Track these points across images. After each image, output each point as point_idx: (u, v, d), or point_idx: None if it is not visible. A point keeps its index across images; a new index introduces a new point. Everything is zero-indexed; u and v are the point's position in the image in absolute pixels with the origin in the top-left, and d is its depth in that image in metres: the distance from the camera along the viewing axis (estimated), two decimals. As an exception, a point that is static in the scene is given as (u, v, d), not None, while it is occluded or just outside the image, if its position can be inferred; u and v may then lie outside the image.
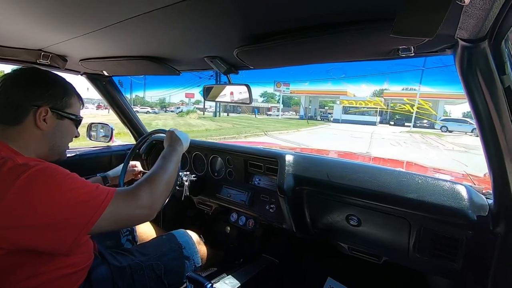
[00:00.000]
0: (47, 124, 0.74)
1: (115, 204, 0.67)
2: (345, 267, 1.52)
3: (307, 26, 0.69)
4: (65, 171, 0.66)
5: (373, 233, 1.12)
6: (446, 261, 0.95)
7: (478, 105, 0.66)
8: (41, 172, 0.61)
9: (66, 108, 0.78)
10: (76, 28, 0.82)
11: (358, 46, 0.79)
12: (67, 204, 0.61)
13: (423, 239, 0.99)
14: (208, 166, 1.63)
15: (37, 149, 0.75)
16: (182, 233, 1.21)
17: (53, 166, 0.65)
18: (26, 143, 0.72)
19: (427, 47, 0.73)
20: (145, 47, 1.00)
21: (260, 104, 51.87)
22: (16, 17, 0.76)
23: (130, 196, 0.72)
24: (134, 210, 0.72)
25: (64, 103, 0.77)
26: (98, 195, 0.66)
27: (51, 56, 1.15)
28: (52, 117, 0.75)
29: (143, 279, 0.95)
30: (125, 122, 1.83)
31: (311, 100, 37.05)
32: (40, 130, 0.73)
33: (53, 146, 0.78)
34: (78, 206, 0.62)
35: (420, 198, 0.95)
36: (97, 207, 0.64)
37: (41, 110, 0.72)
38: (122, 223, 0.73)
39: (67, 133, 0.81)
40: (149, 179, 0.79)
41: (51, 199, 0.60)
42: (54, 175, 0.63)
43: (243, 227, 1.56)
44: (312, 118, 35.32)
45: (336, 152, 2.30)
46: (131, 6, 0.63)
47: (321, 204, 1.21)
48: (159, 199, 0.78)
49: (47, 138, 0.76)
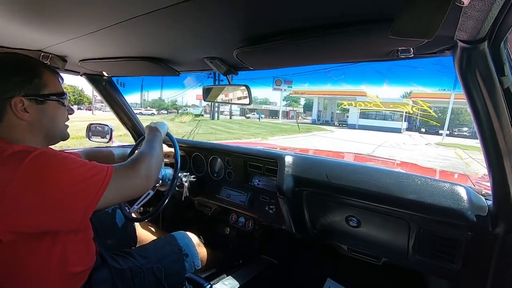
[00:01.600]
0: (29, 113, 0.69)
1: (117, 177, 0.70)
2: (344, 268, 1.52)
3: (307, 27, 0.69)
4: (63, 153, 0.68)
5: (373, 234, 1.12)
6: (446, 262, 0.95)
7: (477, 106, 0.67)
8: (42, 155, 0.62)
9: (41, 89, 0.72)
10: (76, 28, 0.82)
11: (357, 47, 0.79)
12: (74, 181, 0.63)
13: (422, 240, 0.99)
14: (207, 167, 1.63)
15: (32, 139, 0.72)
16: (182, 235, 1.21)
17: (52, 150, 0.67)
18: (19, 135, 0.70)
19: (426, 48, 0.73)
20: (144, 48, 1.00)
21: (271, 107, 50.30)
22: (16, 18, 0.75)
23: (128, 169, 0.76)
24: (134, 180, 0.76)
25: (36, 85, 0.71)
26: (101, 170, 0.68)
27: (50, 56, 1.15)
28: (31, 104, 0.70)
29: (143, 282, 0.95)
30: (125, 123, 1.83)
31: (327, 102, 33.84)
32: (26, 121, 0.70)
33: (47, 132, 0.75)
34: (84, 182, 0.64)
35: (419, 199, 0.95)
36: (102, 180, 0.66)
37: (15, 100, 0.67)
38: (125, 194, 0.75)
39: (56, 115, 0.76)
40: (141, 156, 0.84)
41: (58, 177, 0.61)
42: (55, 157, 0.64)
43: (242, 228, 1.56)
44: (328, 123, 32.44)
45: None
46: (130, 7, 0.63)
47: (320, 205, 1.21)
48: (153, 172, 0.84)
49: (36, 127, 0.72)
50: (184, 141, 1.73)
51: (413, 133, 24.17)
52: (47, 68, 0.75)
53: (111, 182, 0.68)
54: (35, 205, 0.59)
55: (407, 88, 30.02)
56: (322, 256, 1.61)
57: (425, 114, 20.18)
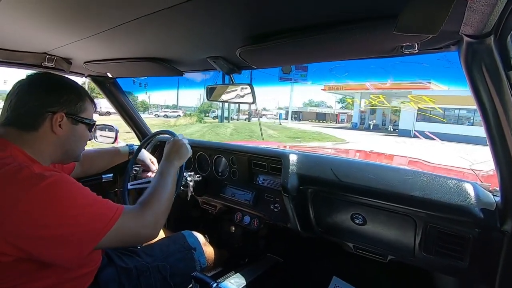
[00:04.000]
0: (62, 129, 0.75)
1: (122, 222, 0.69)
2: (350, 265, 1.52)
3: (310, 25, 0.69)
4: (78, 185, 0.68)
5: (379, 232, 1.12)
6: (453, 259, 0.95)
7: (484, 102, 0.66)
8: (56, 184, 0.63)
9: (81, 112, 0.79)
10: (80, 30, 0.82)
11: (361, 44, 0.78)
12: (78, 219, 0.63)
13: (429, 237, 0.98)
14: (212, 166, 1.63)
15: (52, 154, 0.76)
16: (188, 234, 1.22)
17: (67, 179, 0.67)
18: (42, 148, 0.73)
19: (431, 43, 0.72)
20: (148, 49, 1.00)
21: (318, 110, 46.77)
22: (22, 21, 0.76)
23: (136, 215, 0.75)
24: (140, 229, 0.74)
25: (78, 108, 0.78)
26: (107, 211, 0.68)
27: (55, 59, 1.16)
28: (67, 122, 0.76)
29: (149, 280, 0.96)
30: (129, 123, 1.85)
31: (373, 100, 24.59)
32: (56, 136, 0.74)
33: (67, 150, 0.79)
34: (88, 222, 0.64)
35: (425, 196, 0.94)
36: (105, 223, 0.66)
37: (57, 115, 0.73)
38: (126, 241, 0.74)
39: (82, 137, 0.82)
40: (151, 198, 0.82)
41: (64, 212, 0.62)
42: (68, 189, 0.65)
43: (247, 226, 1.56)
44: (377, 129, 25.96)
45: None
46: (134, 9, 0.64)
47: (325, 203, 1.21)
48: (162, 218, 0.82)
49: (62, 143, 0.77)
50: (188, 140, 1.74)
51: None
52: (89, 98, 0.83)
53: (115, 225, 0.67)
54: (36, 234, 0.59)
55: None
56: (327, 254, 1.61)
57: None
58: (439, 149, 1.72)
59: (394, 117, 26.46)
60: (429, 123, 18.42)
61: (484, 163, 1.18)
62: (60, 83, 0.78)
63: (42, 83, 0.76)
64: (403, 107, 19.49)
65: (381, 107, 23.96)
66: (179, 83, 23.53)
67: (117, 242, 0.71)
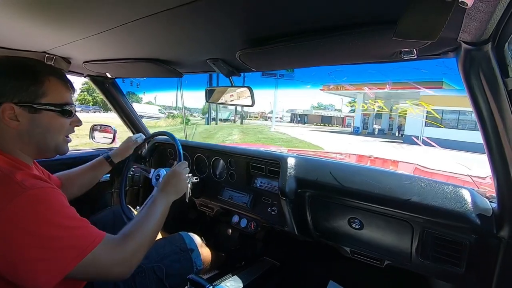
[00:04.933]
0: (19, 121, 0.65)
1: (97, 253, 0.61)
2: (347, 270, 1.52)
3: (310, 29, 0.69)
4: (59, 203, 0.61)
5: (376, 237, 1.12)
6: (449, 265, 0.95)
7: (481, 108, 0.66)
8: (36, 198, 0.57)
9: (39, 98, 0.67)
10: (80, 30, 0.82)
11: (360, 49, 0.79)
12: (50, 243, 0.57)
13: (425, 242, 0.98)
14: (210, 168, 1.63)
15: (23, 148, 0.68)
16: (184, 235, 1.21)
17: (48, 195, 0.60)
18: (9, 144, 0.66)
19: (430, 50, 0.73)
20: (148, 50, 1.00)
21: (324, 113, 44.48)
22: (21, 20, 0.76)
23: (115, 247, 0.67)
24: (113, 266, 0.66)
25: (32, 93, 0.66)
26: (87, 236, 0.61)
27: (55, 58, 1.16)
28: (23, 112, 0.65)
29: (144, 281, 0.95)
30: (128, 124, 1.84)
31: (385, 101, 21.10)
32: (14, 130, 0.65)
33: (38, 143, 0.70)
34: (61, 248, 0.57)
35: (422, 201, 0.94)
36: (83, 247, 0.59)
37: (3, 107, 0.63)
38: (96, 275, 0.65)
39: (52, 126, 0.70)
40: (136, 231, 0.74)
41: (38, 233, 0.56)
42: (46, 207, 0.58)
43: (244, 229, 1.55)
44: (383, 134, 23.70)
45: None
46: (134, 9, 0.64)
47: (323, 207, 1.21)
48: (141, 255, 0.74)
49: (26, 137, 0.67)
50: (186, 142, 1.74)
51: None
52: (55, 76, 0.70)
53: (91, 254, 0.60)
54: (5, 254, 0.54)
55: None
56: (324, 258, 1.61)
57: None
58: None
59: (404, 121, 22.70)
60: (441, 129, 16.35)
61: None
62: (8, 66, 0.66)
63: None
64: (405, 111, 16.85)
65: (381, 112, 22.71)
66: (178, 84, 22.62)
67: (87, 274, 0.62)
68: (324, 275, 1.54)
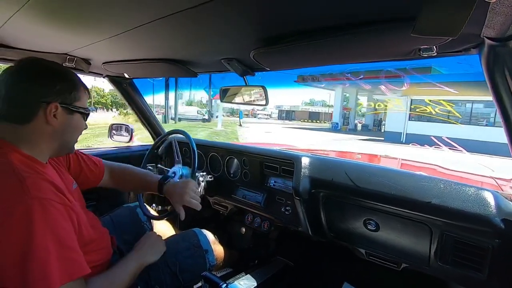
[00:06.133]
0: (57, 120, 0.72)
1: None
2: (362, 272, 1.49)
3: (325, 27, 0.68)
4: (52, 222, 0.61)
5: (392, 239, 1.09)
6: (471, 270, 0.91)
7: (506, 107, 0.63)
8: (29, 210, 0.59)
9: (75, 102, 0.76)
10: (100, 32, 0.85)
11: (377, 47, 0.77)
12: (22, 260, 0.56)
13: (445, 246, 0.95)
14: (224, 167, 1.64)
15: (49, 147, 0.74)
16: (198, 232, 1.23)
17: (43, 210, 0.61)
18: (38, 142, 0.71)
19: (451, 46, 0.70)
20: (164, 50, 1.02)
21: (313, 109, 43.08)
22: (45, 23, 0.80)
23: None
24: None
25: (73, 97, 0.75)
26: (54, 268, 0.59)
27: (76, 59, 1.20)
28: (63, 112, 0.73)
29: (158, 274, 0.97)
30: (144, 123, 1.89)
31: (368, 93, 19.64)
32: (51, 127, 0.71)
33: (63, 142, 0.77)
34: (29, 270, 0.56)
35: (442, 203, 0.91)
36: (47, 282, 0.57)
37: (51, 106, 0.69)
38: None
39: (77, 127, 0.79)
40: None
41: (16, 245, 0.57)
42: (35, 222, 0.58)
43: (258, 228, 1.56)
44: (366, 130, 22.23)
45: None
46: (151, 10, 0.65)
47: (337, 207, 1.19)
48: None
49: (58, 135, 0.74)
50: (200, 141, 1.76)
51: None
52: (83, 85, 0.79)
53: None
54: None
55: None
56: (339, 259, 1.59)
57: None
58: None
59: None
60: (428, 122, 13.48)
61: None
62: (53, 71, 0.74)
63: (33, 72, 0.72)
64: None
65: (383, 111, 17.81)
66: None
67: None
68: (339, 277, 1.52)
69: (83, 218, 0.77)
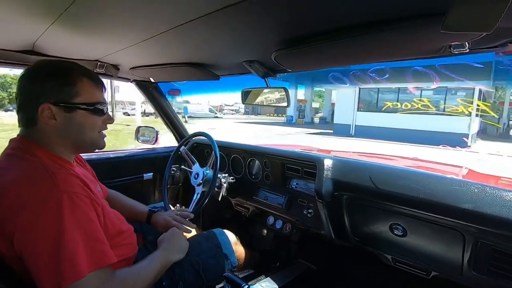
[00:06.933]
0: (56, 120, 0.70)
1: (89, 278, 0.62)
2: (388, 278, 1.43)
3: (348, 26, 0.66)
4: (81, 214, 0.65)
5: (421, 245, 1.04)
6: (508, 280, 0.85)
7: None
8: (60, 206, 0.62)
9: (73, 98, 0.72)
10: (127, 39, 0.89)
11: (404, 45, 0.74)
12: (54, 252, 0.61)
13: (480, 255, 0.89)
14: (245, 168, 1.65)
15: (63, 144, 0.74)
16: (220, 232, 1.25)
17: (74, 202, 0.64)
18: (51, 142, 0.72)
19: (485, 42, 0.66)
20: (188, 54, 1.05)
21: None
22: (77, 32, 0.84)
23: (107, 282, 0.67)
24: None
25: (67, 93, 0.71)
26: (84, 257, 0.63)
27: (106, 65, 1.26)
28: (60, 111, 0.70)
29: (183, 272, 1.00)
30: (169, 126, 1.94)
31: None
32: (52, 127, 0.71)
33: (74, 140, 0.75)
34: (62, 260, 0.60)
35: (476, 209, 0.85)
36: (75, 270, 0.61)
37: (42, 107, 0.69)
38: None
39: (84, 124, 0.75)
40: (128, 282, 0.75)
41: (51, 238, 0.61)
42: (67, 214, 0.63)
43: (280, 231, 1.55)
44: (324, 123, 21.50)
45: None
46: (176, 16, 0.67)
47: (362, 211, 1.16)
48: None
49: (63, 134, 0.73)
50: (222, 142, 1.78)
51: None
52: (87, 76, 0.75)
53: (88, 275, 0.62)
54: (22, 244, 0.61)
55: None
56: (363, 264, 1.54)
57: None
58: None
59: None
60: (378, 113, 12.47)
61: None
62: (46, 70, 0.72)
63: (31, 74, 0.72)
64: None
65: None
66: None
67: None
68: (363, 283, 1.47)
69: (108, 211, 0.81)
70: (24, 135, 0.74)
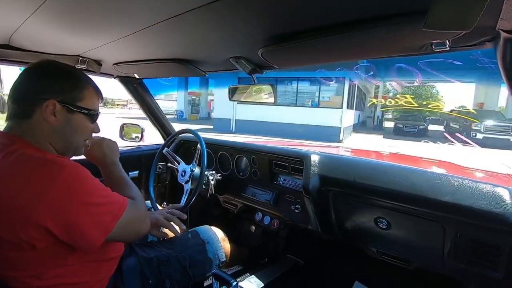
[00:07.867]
0: (56, 118, 0.72)
1: (127, 214, 0.73)
2: (373, 271, 1.47)
3: (334, 23, 0.67)
4: (90, 176, 0.70)
5: (404, 237, 1.07)
6: (486, 269, 0.89)
7: None
8: (74, 172, 0.67)
9: (77, 101, 0.75)
10: (111, 33, 0.86)
11: (388, 42, 0.76)
12: (93, 211, 0.67)
13: (459, 245, 0.93)
14: (233, 165, 1.65)
15: (54, 142, 0.75)
16: (208, 229, 1.25)
17: (80, 170, 0.69)
18: (40, 137, 0.72)
19: (464, 40, 0.68)
20: (173, 50, 1.03)
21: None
22: (57, 26, 0.81)
23: (135, 207, 0.79)
24: (139, 223, 0.80)
25: (74, 96, 0.74)
26: (116, 201, 0.73)
27: (87, 61, 1.22)
28: (62, 110, 0.73)
29: (169, 269, 0.99)
30: (154, 123, 1.91)
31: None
32: (49, 124, 0.72)
33: (65, 141, 0.77)
34: (102, 214, 0.69)
35: (455, 201, 0.89)
36: (115, 214, 0.70)
37: (48, 103, 0.70)
38: (130, 233, 0.79)
39: (79, 128, 0.78)
40: (135, 194, 0.88)
41: (80, 201, 0.66)
42: (83, 179, 0.68)
43: (267, 226, 1.56)
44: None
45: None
46: (160, 11, 0.66)
47: (348, 205, 1.18)
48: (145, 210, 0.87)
49: (58, 133, 0.74)
50: (210, 140, 1.77)
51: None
52: (92, 86, 0.80)
53: (125, 214, 0.72)
54: (61, 221, 0.63)
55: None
56: (349, 258, 1.57)
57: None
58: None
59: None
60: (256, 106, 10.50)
61: None
62: (58, 70, 0.76)
63: (39, 70, 0.74)
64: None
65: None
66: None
67: (123, 233, 0.74)
68: (350, 276, 1.51)
69: None
70: (10, 132, 0.72)
